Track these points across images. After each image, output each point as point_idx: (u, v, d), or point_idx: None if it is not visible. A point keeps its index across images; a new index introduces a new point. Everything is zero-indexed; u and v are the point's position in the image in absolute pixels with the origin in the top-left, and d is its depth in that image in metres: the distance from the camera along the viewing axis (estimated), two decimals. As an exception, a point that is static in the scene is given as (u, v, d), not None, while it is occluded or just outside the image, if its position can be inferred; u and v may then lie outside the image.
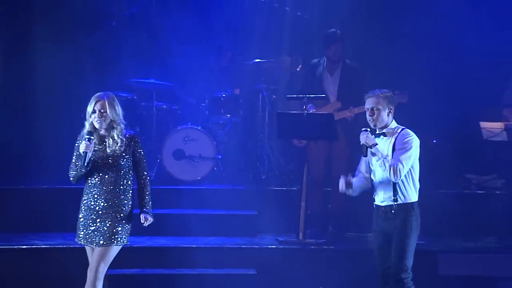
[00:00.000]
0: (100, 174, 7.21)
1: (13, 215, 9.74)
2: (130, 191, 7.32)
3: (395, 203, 7.40)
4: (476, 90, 10.39)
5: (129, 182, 7.32)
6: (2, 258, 8.95)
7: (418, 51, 11.07)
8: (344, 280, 9.40)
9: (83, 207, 7.26)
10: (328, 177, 10.17)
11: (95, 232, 7.21)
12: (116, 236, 7.21)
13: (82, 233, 7.25)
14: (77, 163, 7.18)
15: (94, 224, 7.20)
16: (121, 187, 7.26)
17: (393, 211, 7.41)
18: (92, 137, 7.14)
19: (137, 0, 11.41)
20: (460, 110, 10.28)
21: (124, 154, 7.27)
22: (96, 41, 11.24)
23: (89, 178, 7.24)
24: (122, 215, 7.26)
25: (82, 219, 7.24)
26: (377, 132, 7.43)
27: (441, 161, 10.08)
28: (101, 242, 7.22)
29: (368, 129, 7.37)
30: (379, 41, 11.00)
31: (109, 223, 7.21)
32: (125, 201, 7.28)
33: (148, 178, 7.44)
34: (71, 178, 7.25)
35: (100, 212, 7.21)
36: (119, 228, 7.24)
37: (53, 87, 10.92)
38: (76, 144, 7.24)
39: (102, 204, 7.21)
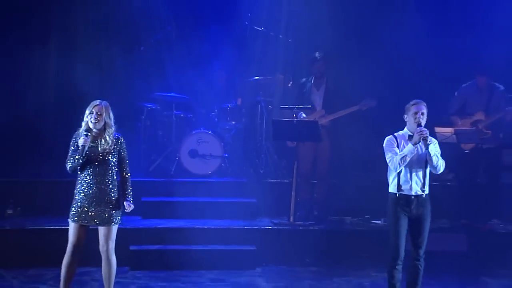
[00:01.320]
0: (92, 167, 7.22)
1: (59, 201, 9.78)
2: (116, 182, 7.32)
3: (424, 193, 7.31)
4: (432, 99, 10.29)
5: (114, 174, 7.31)
6: (48, 236, 9.02)
7: (385, 65, 11.06)
8: (326, 255, 9.49)
9: (81, 193, 7.23)
10: (314, 172, 10.24)
11: (93, 214, 7.22)
12: (112, 218, 7.26)
13: (76, 213, 7.22)
14: (74, 156, 7.16)
15: (90, 208, 7.21)
16: (109, 178, 7.25)
17: (423, 200, 7.31)
18: (89, 133, 7.17)
19: (161, 29, 11.34)
20: None
21: (112, 152, 7.27)
22: (128, 61, 11.19)
23: (84, 170, 7.21)
24: (112, 200, 7.27)
25: (78, 203, 7.22)
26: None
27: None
28: (103, 223, 7.24)
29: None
30: (353, 58, 10.93)
31: (104, 207, 7.23)
32: (114, 189, 7.29)
33: (129, 173, 7.42)
34: (68, 168, 7.25)
35: (94, 198, 7.20)
36: (113, 212, 7.28)
37: (92, 92, 10.88)
38: (73, 140, 7.26)
39: (95, 191, 7.20)
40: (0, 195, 9.93)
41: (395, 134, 7.44)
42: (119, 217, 7.34)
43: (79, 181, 7.29)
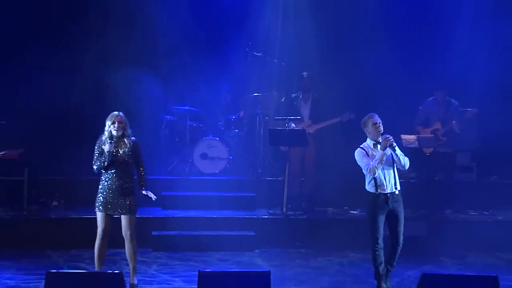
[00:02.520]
0: (115, 166, 7.27)
1: (95, 195, 9.68)
2: (133, 178, 7.37)
3: (397, 189, 7.31)
4: (398, 111, 10.22)
5: (132, 172, 7.37)
6: (86, 224, 8.91)
7: (360, 83, 11.01)
8: (313, 239, 9.54)
9: (105, 187, 7.29)
10: (302, 171, 10.25)
11: (115, 205, 7.27)
12: (132, 208, 7.31)
13: (101, 205, 7.28)
14: (101, 160, 7.23)
15: (113, 199, 7.26)
16: (128, 175, 7.32)
17: (397, 196, 7.31)
18: (113, 141, 7.24)
19: (178, 54, 11.29)
20: (387, 126, 10.22)
21: (130, 154, 7.30)
22: (151, 79, 10.98)
23: (108, 169, 7.26)
24: (131, 193, 7.32)
25: (104, 196, 7.29)
26: (379, 140, 7.29)
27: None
28: (125, 213, 7.28)
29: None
30: (334, 77, 10.90)
31: (124, 199, 7.27)
32: (132, 184, 7.34)
33: (144, 170, 7.42)
34: (95, 168, 7.30)
35: (116, 192, 7.26)
36: (133, 203, 7.33)
37: (123, 105, 10.72)
38: (97, 145, 7.30)
39: (117, 186, 7.26)
40: (47, 190, 10.01)
41: (361, 146, 7.43)
42: (137, 207, 7.40)
43: (104, 178, 7.33)
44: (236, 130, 11.19)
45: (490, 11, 11.03)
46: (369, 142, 7.41)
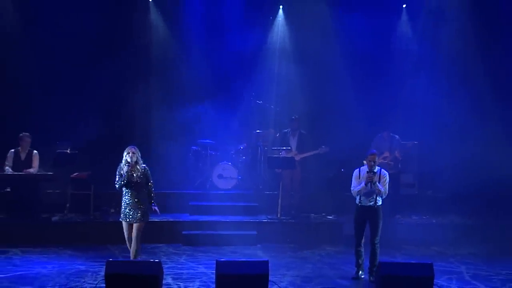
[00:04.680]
0: (131, 186, 7.18)
1: None
2: (145, 195, 7.24)
3: (376, 204, 7.33)
4: (362, 145, 9.97)
5: (144, 190, 7.23)
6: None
7: (333, 124, 11.01)
8: (299, 237, 9.50)
9: (124, 203, 7.21)
10: (291, 187, 10.16)
11: (131, 216, 7.16)
12: (143, 217, 7.21)
13: (123, 216, 7.23)
14: (120, 179, 7.12)
15: (130, 211, 7.18)
16: (141, 193, 7.21)
17: (375, 209, 7.31)
18: (129, 165, 7.09)
19: (200, 102, 11.19)
20: (352, 154, 9.81)
21: (142, 176, 7.19)
22: (181, 121, 11.04)
23: (126, 188, 7.19)
24: (143, 207, 7.21)
25: (123, 209, 7.23)
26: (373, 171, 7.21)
27: (347, 179, 9.97)
28: (137, 221, 7.16)
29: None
30: (315, 118, 10.99)
31: (137, 210, 7.16)
32: (145, 200, 7.22)
33: (153, 188, 7.26)
34: (117, 186, 7.17)
35: (132, 206, 7.17)
36: (144, 213, 7.21)
37: (163, 135, 10.82)
38: (118, 171, 7.18)
39: (133, 201, 7.18)
40: (107, 201, 9.92)
41: (360, 167, 7.46)
42: (147, 217, 7.27)
43: (124, 195, 7.24)
44: (244, 157, 11.08)
45: (428, 61, 11.03)
46: (366, 167, 7.47)
